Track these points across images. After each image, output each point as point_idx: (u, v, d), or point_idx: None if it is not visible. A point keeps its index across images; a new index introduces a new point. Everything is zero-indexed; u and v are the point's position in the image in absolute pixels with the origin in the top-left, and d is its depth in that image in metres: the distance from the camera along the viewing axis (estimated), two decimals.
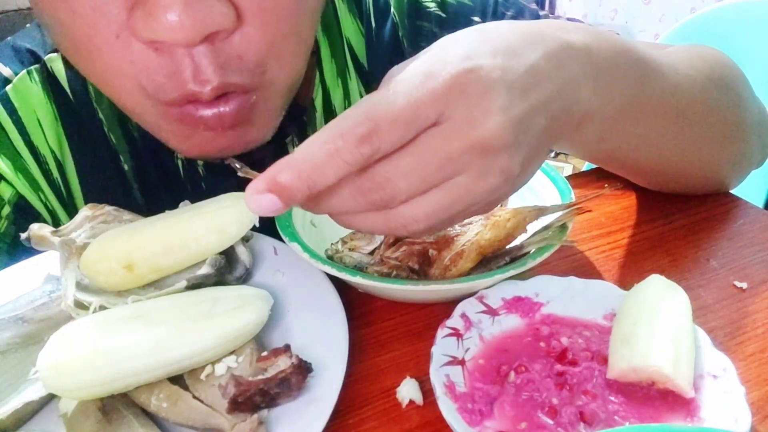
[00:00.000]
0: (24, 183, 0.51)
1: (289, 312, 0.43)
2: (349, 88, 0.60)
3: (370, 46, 0.61)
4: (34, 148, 0.51)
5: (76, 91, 0.52)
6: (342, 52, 0.59)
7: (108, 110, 0.53)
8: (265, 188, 0.29)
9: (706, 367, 0.36)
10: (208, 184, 0.57)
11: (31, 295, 0.42)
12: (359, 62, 0.61)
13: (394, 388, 0.39)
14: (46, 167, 0.52)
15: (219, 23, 0.36)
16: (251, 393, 0.34)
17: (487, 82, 0.31)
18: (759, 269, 0.49)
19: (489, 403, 0.36)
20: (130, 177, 0.55)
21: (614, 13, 2.91)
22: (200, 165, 0.56)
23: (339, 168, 0.29)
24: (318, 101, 0.58)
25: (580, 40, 0.37)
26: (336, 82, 0.59)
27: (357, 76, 0.61)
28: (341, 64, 0.59)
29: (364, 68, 0.61)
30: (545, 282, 0.43)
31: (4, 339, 0.40)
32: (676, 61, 0.48)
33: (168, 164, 0.56)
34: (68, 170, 0.53)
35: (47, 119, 0.52)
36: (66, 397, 0.36)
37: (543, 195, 0.50)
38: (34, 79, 0.51)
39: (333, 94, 0.59)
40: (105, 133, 0.53)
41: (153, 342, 0.35)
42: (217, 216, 0.42)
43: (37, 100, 0.51)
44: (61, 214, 0.54)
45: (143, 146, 0.55)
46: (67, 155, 0.53)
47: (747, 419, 0.33)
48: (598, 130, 0.41)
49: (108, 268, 0.40)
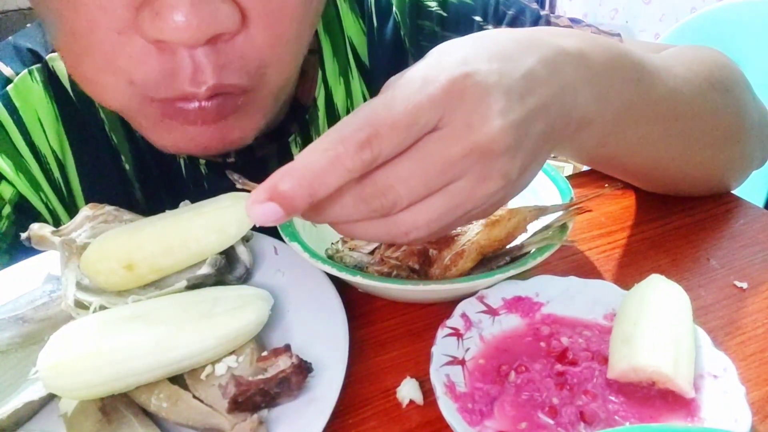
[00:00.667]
0: (25, 183, 0.51)
1: (289, 312, 0.43)
2: (351, 88, 0.60)
3: (372, 45, 0.61)
4: (35, 147, 0.51)
5: (78, 90, 0.52)
6: (344, 52, 0.59)
7: (110, 110, 0.53)
8: (266, 197, 0.29)
9: (707, 367, 0.36)
10: (210, 183, 0.57)
11: (31, 294, 0.43)
12: (361, 61, 0.61)
13: (394, 388, 0.39)
14: (47, 167, 0.52)
15: (224, 25, 0.36)
16: (251, 393, 0.34)
17: (484, 86, 0.31)
18: (759, 269, 0.49)
19: (489, 403, 0.36)
20: (132, 177, 0.55)
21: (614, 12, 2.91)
22: (202, 164, 0.56)
23: (340, 175, 0.29)
24: (320, 100, 0.59)
25: (574, 46, 0.37)
26: (338, 80, 0.59)
27: (359, 75, 0.61)
28: (343, 64, 0.59)
29: (366, 67, 0.61)
30: (545, 282, 0.43)
31: (5, 339, 0.40)
32: (674, 65, 0.48)
33: (170, 164, 0.56)
34: (69, 170, 0.53)
35: (48, 119, 0.52)
36: (66, 397, 0.36)
37: (543, 195, 0.50)
38: (35, 78, 0.51)
39: (335, 93, 0.59)
40: (107, 132, 0.53)
41: (153, 342, 0.35)
42: (217, 216, 0.42)
43: (38, 100, 0.51)
44: (61, 214, 0.54)
45: (145, 146, 0.54)
46: (68, 155, 0.53)
47: (747, 419, 0.33)
48: (597, 135, 0.42)
49: (108, 268, 0.39)
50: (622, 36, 0.58)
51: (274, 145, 0.57)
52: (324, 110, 0.59)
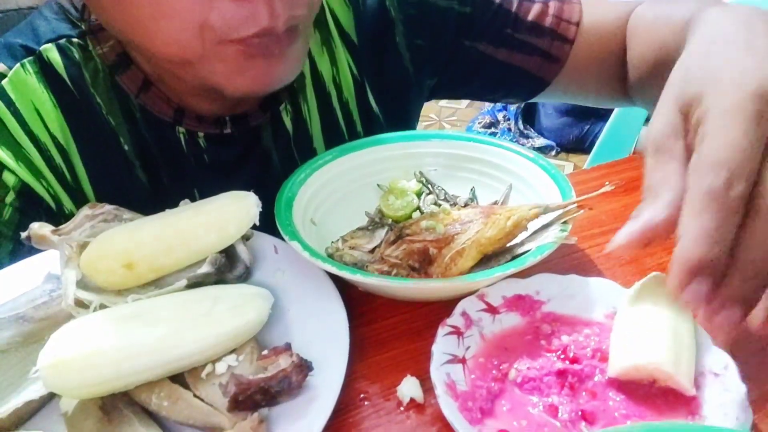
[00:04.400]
0: (26, 171, 0.52)
1: (289, 311, 0.43)
2: (336, 57, 0.62)
3: (358, 18, 0.62)
4: (35, 137, 0.52)
5: (74, 78, 0.53)
6: (324, 21, 0.61)
7: (104, 94, 0.54)
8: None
9: (708, 365, 0.36)
10: (210, 155, 0.58)
11: (31, 293, 0.43)
12: (346, 34, 0.62)
13: (394, 386, 0.39)
14: (48, 154, 0.53)
15: None
16: (252, 391, 0.34)
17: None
18: None
19: (490, 402, 0.36)
20: (131, 157, 0.56)
21: None
22: (201, 137, 0.57)
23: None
24: (306, 68, 0.61)
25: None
26: (321, 49, 0.62)
27: (343, 45, 0.62)
28: (325, 33, 0.62)
29: (353, 42, 0.63)
30: (546, 280, 0.43)
31: (5, 338, 0.40)
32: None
33: (170, 138, 0.57)
34: (72, 155, 0.54)
35: (45, 107, 0.53)
36: (66, 396, 0.36)
37: (543, 193, 0.50)
38: (27, 70, 0.52)
39: (319, 61, 0.62)
40: (104, 116, 0.54)
41: (153, 341, 0.36)
42: (217, 214, 0.43)
43: (34, 90, 0.52)
44: (64, 200, 0.55)
45: (144, 124, 0.56)
46: (70, 140, 0.54)
47: (748, 417, 0.33)
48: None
49: (108, 267, 0.40)
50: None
51: (267, 114, 0.59)
52: (310, 78, 0.61)
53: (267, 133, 0.60)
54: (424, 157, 0.58)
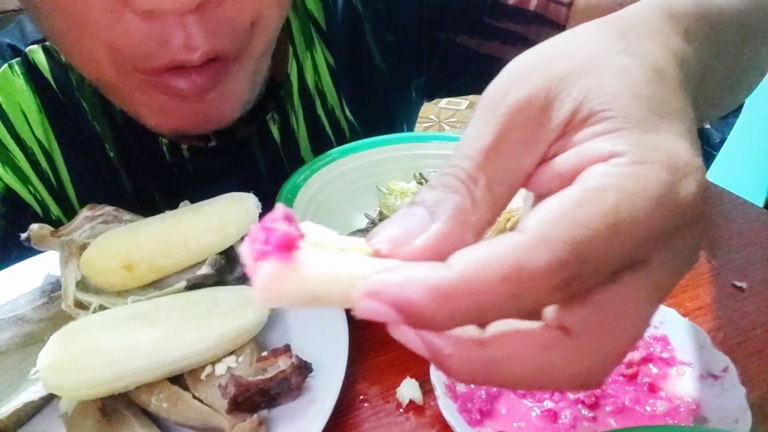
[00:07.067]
0: (12, 176, 0.51)
1: (288, 312, 0.43)
2: (316, 61, 0.60)
3: (328, 12, 0.60)
4: (21, 140, 0.51)
5: (59, 81, 0.52)
6: (308, 26, 0.60)
7: (90, 99, 0.53)
8: None
9: (707, 367, 0.36)
10: (194, 166, 0.57)
11: (31, 295, 0.43)
12: (321, 28, 0.60)
13: (394, 388, 0.39)
14: (33, 158, 0.52)
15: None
16: (251, 393, 0.34)
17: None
18: (759, 269, 0.49)
19: (489, 403, 0.36)
20: (117, 164, 0.55)
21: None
22: (185, 149, 0.55)
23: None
24: (293, 75, 0.59)
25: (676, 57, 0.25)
26: (306, 55, 0.60)
27: (320, 44, 0.60)
28: (308, 38, 0.60)
29: (326, 34, 0.60)
30: None
31: (4, 339, 0.40)
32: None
33: (153, 148, 0.55)
34: (57, 160, 0.53)
35: (31, 110, 0.52)
36: (66, 397, 0.36)
37: None
38: (15, 71, 0.51)
39: (305, 67, 0.60)
40: (89, 121, 0.53)
41: (153, 342, 0.35)
42: (216, 216, 0.43)
43: (21, 92, 0.51)
44: (51, 205, 0.54)
45: (128, 132, 0.54)
46: (54, 145, 0.53)
47: (747, 419, 0.32)
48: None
49: (108, 268, 0.40)
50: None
51: (253, 125, 0.57)
52: (297, 85, 0.59)
53: (254, 143, 0.58)
54: (424, 158, 0.58)
